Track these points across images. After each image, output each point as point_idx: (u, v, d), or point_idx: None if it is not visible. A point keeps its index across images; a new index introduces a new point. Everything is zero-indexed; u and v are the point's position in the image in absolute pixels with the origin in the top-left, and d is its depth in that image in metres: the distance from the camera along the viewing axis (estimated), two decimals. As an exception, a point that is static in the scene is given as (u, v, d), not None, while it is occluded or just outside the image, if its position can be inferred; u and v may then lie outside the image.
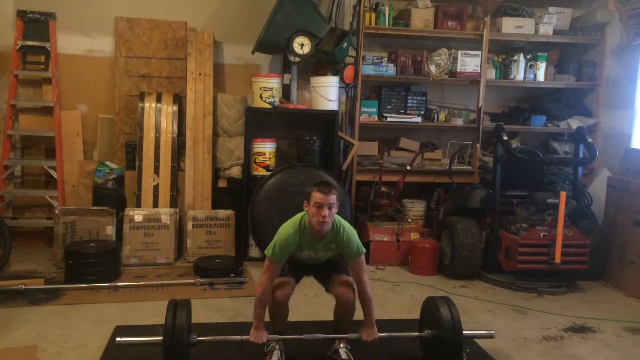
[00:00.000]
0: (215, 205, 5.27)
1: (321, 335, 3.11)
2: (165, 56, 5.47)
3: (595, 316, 4.10)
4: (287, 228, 2.96)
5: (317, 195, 2.83)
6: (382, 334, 3.08)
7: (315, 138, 5.31)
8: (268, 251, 2.94)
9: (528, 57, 5.68)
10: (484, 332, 3.31)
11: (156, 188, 5.16)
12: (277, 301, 3.00)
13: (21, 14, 5.14)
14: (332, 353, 3.17)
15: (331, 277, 3.11)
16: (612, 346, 3.62)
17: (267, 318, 3.08)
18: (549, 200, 4.61)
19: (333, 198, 2.85)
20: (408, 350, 3.42)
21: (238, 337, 3.04)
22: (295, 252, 3.00)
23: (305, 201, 2.93)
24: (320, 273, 3.23)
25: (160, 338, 2.89)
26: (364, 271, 3.01)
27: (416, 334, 3.24)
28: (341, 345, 3.15)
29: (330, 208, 2.84)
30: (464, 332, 3.07)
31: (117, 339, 3.02)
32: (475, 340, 3.57)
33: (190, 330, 2.98)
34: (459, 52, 5.48)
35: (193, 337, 2.97)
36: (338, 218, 2.99)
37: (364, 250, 3.04)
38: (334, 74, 5.37)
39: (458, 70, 5.49)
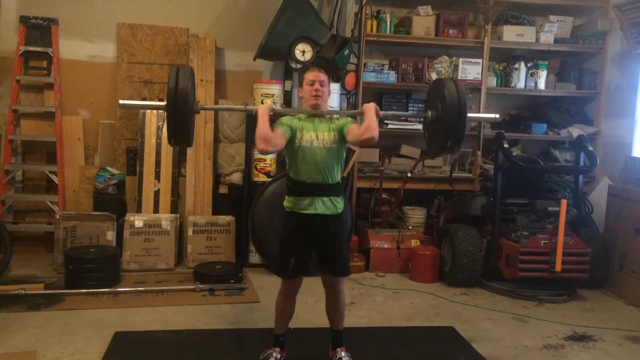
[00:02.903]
0: (216, 211, 5.27)
1: None
2: (167, 62, 5.48)
3: (596, 325, 4.09)
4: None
5: (309, 74, 3.02)
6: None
7: (316, 144, 5.31)
8: (276, 126, 3.02)
9: (529, 65, 5.69)
10: (490, 115, 3.15)
11: (157, 194, 5.17)
12: (285, 294, 3.06)
13: (24, 20, 5.17)
14: None
15: (328, 269, 3.10)
16: (613, 355, 3.61)
17: (272, 325, 3.07)
18: (549, 208, 4.62)
19: (324, 76, 3.02)
20: (409, 357, 3.42)
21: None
22: (298, 136, 3.01)
23: (299, 88, 3.09)
24: (324, 248, 3.09)
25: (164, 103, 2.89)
26: None
27: (421, 115, 3.20)
28: (342, 353, 3.14)
29: (322, 85, 3.00)
30: (468, 114, 2.97)
31: (120, 101, 3.16)
32: (475, 347, 3.57)
33: (194, 97, 2.97)
34: (460, 59, 5.49)
35: (197, 103, 2.98)
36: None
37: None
38: (335, 81, 5.37)
39: (459, 77, 5.49)
